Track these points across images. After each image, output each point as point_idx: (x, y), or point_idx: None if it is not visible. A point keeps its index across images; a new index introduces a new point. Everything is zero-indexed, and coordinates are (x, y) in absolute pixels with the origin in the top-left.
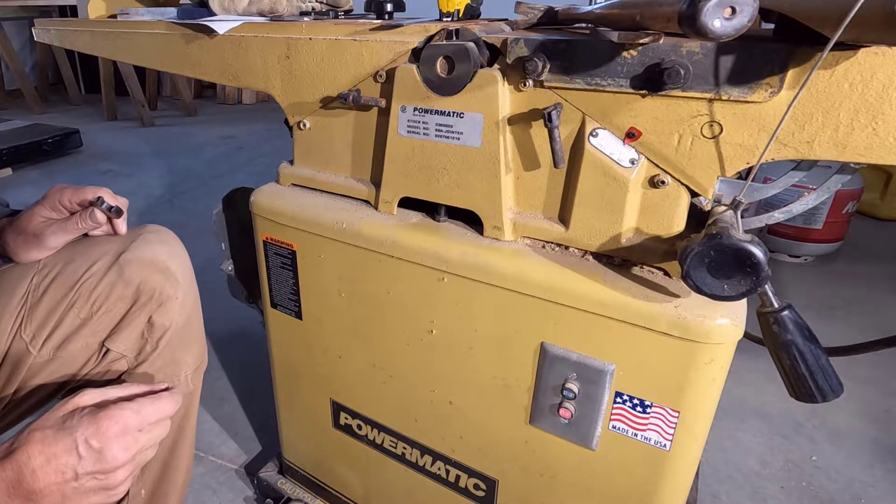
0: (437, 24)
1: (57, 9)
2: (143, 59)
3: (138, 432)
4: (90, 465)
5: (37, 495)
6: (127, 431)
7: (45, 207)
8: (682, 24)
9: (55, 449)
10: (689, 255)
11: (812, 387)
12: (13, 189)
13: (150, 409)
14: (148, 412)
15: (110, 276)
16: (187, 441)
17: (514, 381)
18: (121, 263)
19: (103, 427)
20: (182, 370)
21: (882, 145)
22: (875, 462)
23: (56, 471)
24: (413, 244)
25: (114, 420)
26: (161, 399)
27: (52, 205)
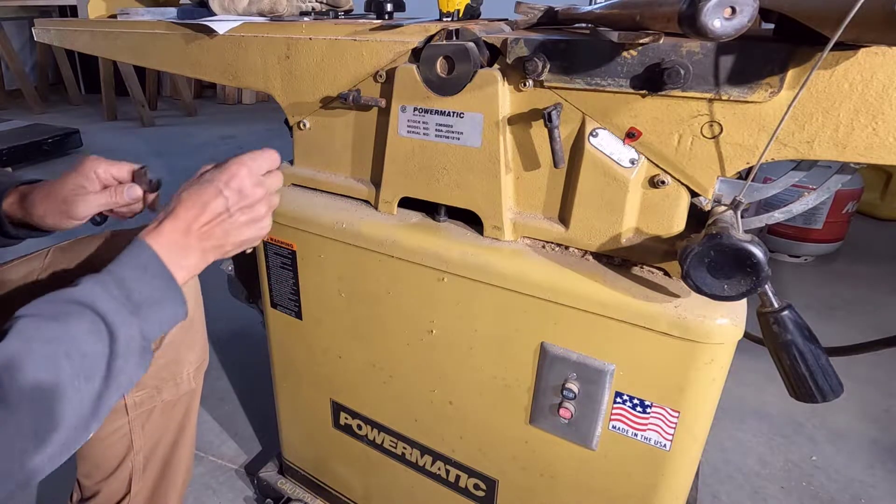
0: (437, 24)
1: (57, 9)
2: (143, 59)
3: (260, 176)
4: (235, 201)
5: (205, 235)
6: (252, 173)
7: (80, 175)
8: (682, 24)
9: (205, 198)
10: (689, 255)
11: (812, 387)
12: None
13: (261, 158)
14: (261, 159)
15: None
16: (188, 439)
17: (514, 381)
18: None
19: (233, 171)
20: (184, 368)
21: (882, 145)
22: (875, 462)
23: (212, 213)
24: (413, 244)
25: (238, 164)
26: (265, 152)
27: (87, 174)
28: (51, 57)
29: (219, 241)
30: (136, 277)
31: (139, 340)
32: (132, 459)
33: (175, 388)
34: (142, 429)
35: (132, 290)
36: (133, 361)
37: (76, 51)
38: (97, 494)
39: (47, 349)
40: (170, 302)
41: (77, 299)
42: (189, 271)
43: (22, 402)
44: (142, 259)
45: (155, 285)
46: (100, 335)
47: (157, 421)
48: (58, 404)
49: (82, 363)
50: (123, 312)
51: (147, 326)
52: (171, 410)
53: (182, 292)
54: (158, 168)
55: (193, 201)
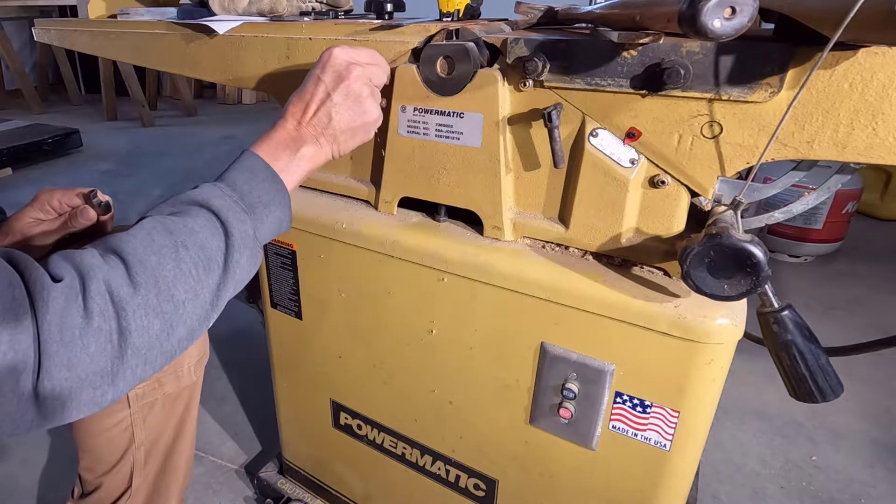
0: (437, 24)
1: (57, 9)
2: (143, 59)
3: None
4: (332, 82)
5: (314, 123)
6: (347, 55)
7: (34, 209)
8: (682, 24)
9: (306, 89)
10: (689, 255)
11: (812, 387)
12: (13, 189)
13: (358, 48)
14: (358, 48)
15: None
16: (188, 434)
17: (514, 381)
18: None
19: (325, 57)
20: (185, 361)
21: (882, 145)
22: (875, 462)
23: (315, 99)
24: (413, 244)
25: (330, 53)
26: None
27: (42, 206)
28: (51, 57)
29: (327, 127)
30: (246, 180)
31: (252, 238)
32: (133, 453)
33: (176, 380)
34: (143, 422)
35: (244, 191)
36: (247, 255)
37: (76, 51)
38: (98, 488)
39: (167, 240)
40: (278, 205)
41: (194, 199)
42: (309, 161)
43: (147, 285)
44: (251, 164)
45: (264, 188)
46: (215, 230)
47: (159, 414)
48: (178, 290)
49: (200, 254)
50: (236, 210)
51: (259, 226)
52: (172, 403)
53: (289, 200)
54: (159, 168)
55: (298, 97)
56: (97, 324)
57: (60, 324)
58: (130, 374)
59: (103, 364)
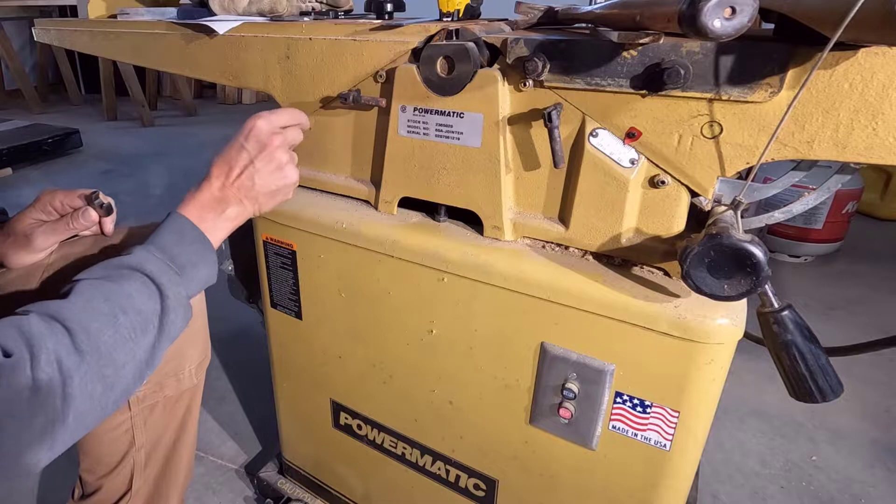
0: (437, 24)
1: (57, 9)
2: (143, 59)
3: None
4: (255, 150)
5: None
6: (269, 123)
7: (36, 210)
8: (682, 24)
9: (230, 154)
10: (689, 255)
11: (812, 387)
12: (13, 189)
13: (279, 113)
14: (279, 113)
15: None
16: (189, 437)
17: (514, 381)
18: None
19: (249, 126)
20: (186, 364)
21: (882, 145)
22: (875, 462)
23: (239, 166)
24: (413, 244)
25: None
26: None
27: (43, 207)
28: (51, 57)
29: (250, 191)
30: (176, 242)
31: (185, 297)
32: (134, 455)
33: (177, 383)
34: (144, 424)
35: (174, 254)
36: (180, 315)
37: (76, 51)
38: (99, 490)
39: (105, 307)
40: (205, 265)
41: (128, 264)
42: (233, 222)
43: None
44: (179, 227)
45: (193, 250)
46: (151, 294)
47: (159, 417)
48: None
49: (137, 318)
50: (170, 273)
51: (189, 285)
52: (173, 406)
53: (215, 258)
54: (159, 168)
55: (222, 160)
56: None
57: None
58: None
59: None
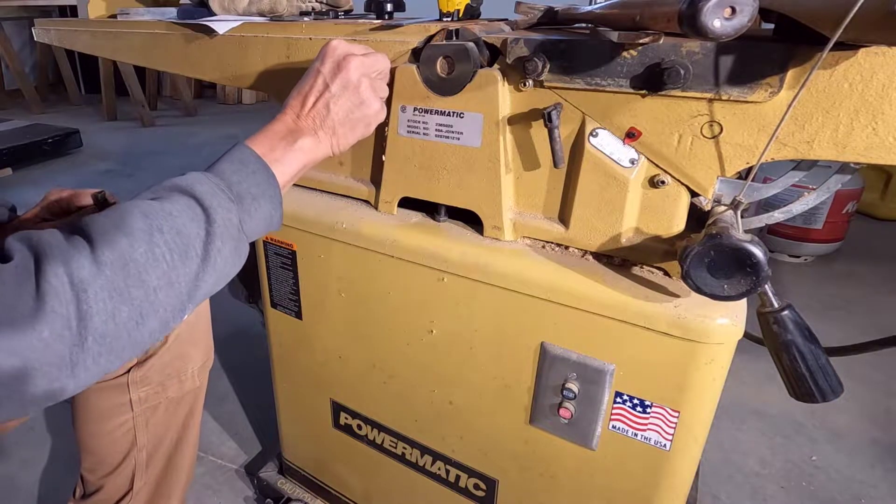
0: (437, 24)
1: (57, 9)
2: (144, 59)
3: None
4: (330, 72)
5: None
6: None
7: (43, 209)
8: (682, 23)
9: (305, 81)
10: (689, 255)
11: (812, 387)
12: (13, 189)
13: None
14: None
15: None
16: (191, 438)
17: (514, 381)
18: None
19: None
20: (189, 365)
21: (882, 145)
22: (875, 462)
23: (313, 91)
24: (413, 244)
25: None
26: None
27: (50, 207)
28: (51, 57)
29: (325, 118)
30: (235, 170)
31: (237, 228)
32: (135, 456)
33: (180, 385)
34: (146, 425)
35: (232, 181)
36: (230, 246)
37: (76, 51)
38: (100, 489)
39: (141, 222)
40: (268, 200)
41: (177, 185)
42: (307, 154)
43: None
44: (241, 155)
45: (254, 180)
46: (195, 216)
47: (162, 418)
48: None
49: (176, 240)
50: (222, 197)
51: (246, 219)
52: (175, 408)
53: (281, 196)
54: (159, 168)
55: (297, 90)
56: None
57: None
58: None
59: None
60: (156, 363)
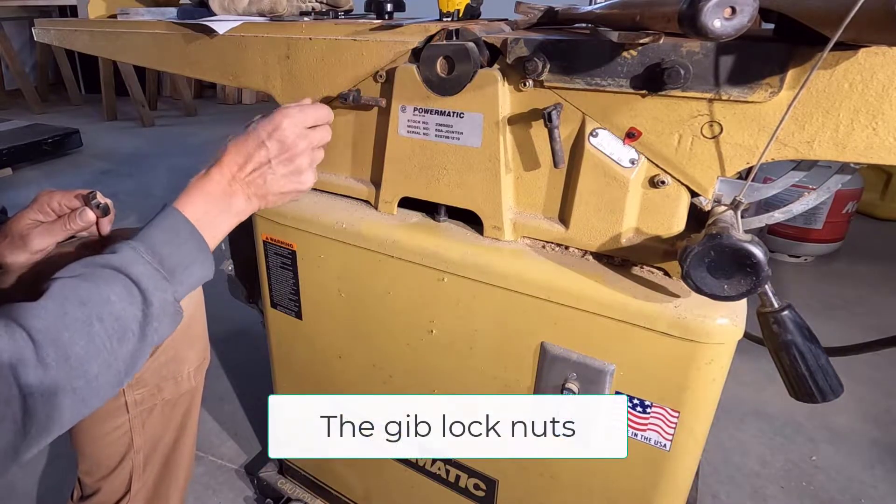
0: (437, 24)
1: (57, 9)
2: (143, 59)
3: (304, 128)
4: (276, 151)
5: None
6: (297, 124)
7: (34, 210)
8: (682, 24)
9: (248, 148)
10: (689, 255)
11: (812, 387)
12: (13, 189)
13: (310, 110)
14: (308, 112)
15: None
16: (189, 439)
17: (514, 381)
18: None
19: (277, 121)
20: (185, 367)
21: (882, 145)
22: (875, 462)
23: (255, 162)
24: (413, 244)
25: (283, 115)
26: (314, 105)
27: (41, 208)
28: (51, 57)
29: (261, 189)
30: (168, 241)
31: (171, 304)
32: (132, 458)
33: (176, 386)
34: (142, 427)
35: (164, 255)
36: (166, 322)
37: (76, 51)
38: (98, 492)
39: (80, 312)
40: (199, 265)
41: (111, 264)
42: (236, 216)
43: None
44: (173, 224)
45: (186, 249)
46: (133, 299)
47: (158, 419)
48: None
49: (115, 325)
50: (157, 277)
51: (179, 289)
52: (171, 409)
53: (211, 258)
54: (159, 168)
55: (236, 150)
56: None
57: None
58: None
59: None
60: (151, 365)
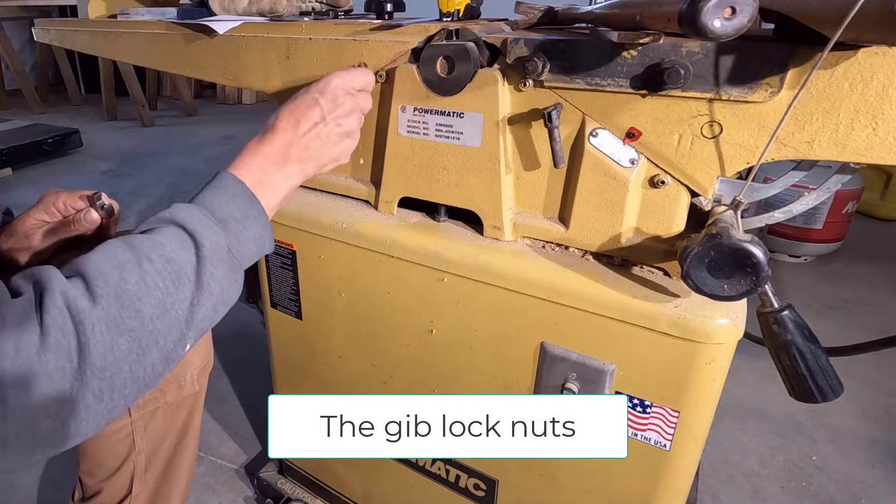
0: (437, 24)
1: (57, 9)
2: (144, 59)
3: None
4: (329, 109)
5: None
6: (346, 84)
7: (39, 211)
8: (682, 24)
9: (301, 108)
10: (689, 255)
11: (812, 387)
12: (13, 189)
13: (355, 72)
14: (354, 73)
15: None
16: (191, 442)
17: (514, 381)
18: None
19: (327, 80)
20: (188, 370)
21: (882, 145)
22: (875, 462)
23: (308, 120)
24: (413, 244)
25: (333, 76)
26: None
27: (46, 208)
28: (51, 57)
29: (316, 151)
30: (215, 195)
31: (226, 250)
32: (134, 460)
33: (179, 389)
34: (144, 429)
35: (214, 207)
36: (223, 269)
37: (76, 51)
38: (99, 493)
39: (129, 255)
40: (252, 221)
41: (161, 217)
42: (292, 181)
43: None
44: (221, 182)
45: (234, 203)
46: (183, 242)
47: (160, 422)
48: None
49: (167, 268)
50: (206, 221)
51: (234, 243)
52: (174, 412)
53: (266, 216)
54: (159, 168)
55: (292, 111)
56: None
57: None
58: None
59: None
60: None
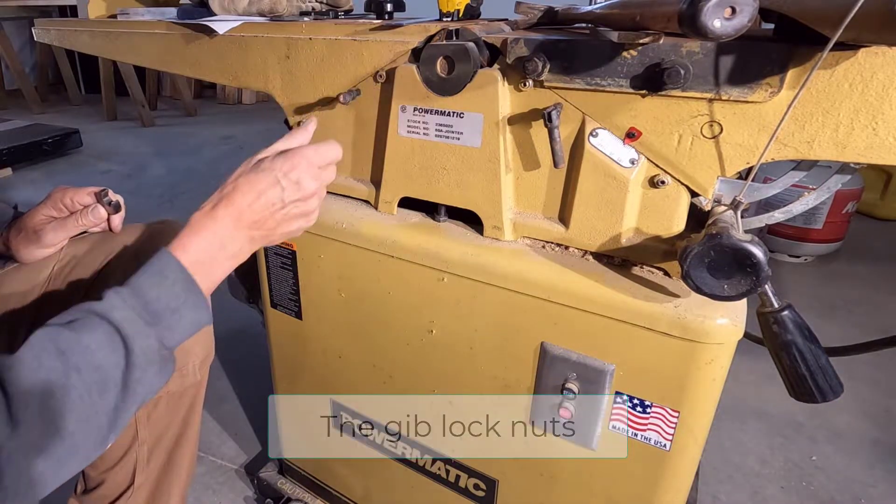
0: (437, 24)
1: (57, 9)
2: (143, 59)
3: (318, 169)
4: (292, 194)
5: (257, 224)
6: (311, 166)
7: (48, 206)
8: (682, 24)
9: (262, 186)
10: (689, 255)
11: (812, 387)
12: (13, 189)
13: (324, 149)
14: (323, 151)
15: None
16: (192, 434)
17: (514, 381)
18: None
19: (294, 162)
20: (190, 360)
21: (882, 145)
22: (875, 462)
23: (267, 203)
24: (413, 244)
25: (300, 156)
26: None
27: (54, 204)
28: (51, 57)
29: (268, 230)
30: (154, 284)
31: (156, 351)
32: (136, 450)
33: (181, 379)
34: (147, 419)
35: (150, 298)
36: (152, 371)
37: (76, 51)
38: (101, 484)
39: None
40: (190, 308)
41: (94, 309)
42: (237, 258)
43: (28, 422)
44: (161, 267)
45: (174, 292)
46: (114, 346)
47: (163, 412)
48: (67, 421)
49: (94, 376)
50: (139, 323)
51: (168, 334)
52: (176, 402)
53: (205, 300)
54: (159, 168)
55: (250, 187)
56: None
57: None
58: None
59: None
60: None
